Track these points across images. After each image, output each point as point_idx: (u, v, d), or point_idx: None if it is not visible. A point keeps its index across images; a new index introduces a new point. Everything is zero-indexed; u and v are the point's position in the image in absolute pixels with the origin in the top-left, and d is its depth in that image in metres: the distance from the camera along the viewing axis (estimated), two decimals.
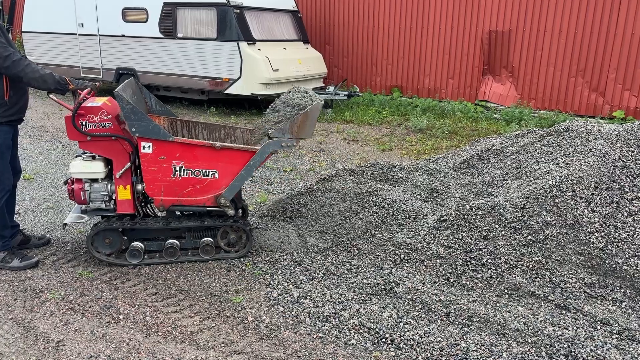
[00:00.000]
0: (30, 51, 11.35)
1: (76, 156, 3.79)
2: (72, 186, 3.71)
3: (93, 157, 3.73)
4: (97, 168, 3.68)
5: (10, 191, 3.82)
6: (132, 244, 3.82)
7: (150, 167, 3.64)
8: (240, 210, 4.25)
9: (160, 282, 3.62)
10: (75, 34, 10.66)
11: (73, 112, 3.53)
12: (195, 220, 3.87)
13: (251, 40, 9.16)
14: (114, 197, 3.74)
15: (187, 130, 4.33)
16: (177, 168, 3.68)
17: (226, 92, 9.32)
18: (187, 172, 3.70)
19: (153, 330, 3.06)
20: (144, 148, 3.60)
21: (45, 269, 3.78)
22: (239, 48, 8.99)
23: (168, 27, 9.62)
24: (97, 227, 3.75)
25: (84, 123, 3.56)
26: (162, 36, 9.71)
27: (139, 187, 3.74)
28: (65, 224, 3.79)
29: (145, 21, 9.80)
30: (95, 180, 3.73)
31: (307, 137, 3.82)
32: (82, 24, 10.53)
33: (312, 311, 3.22)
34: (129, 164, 3.68)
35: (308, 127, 3.74)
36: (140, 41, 9.97)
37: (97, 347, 2.90)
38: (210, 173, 3.73)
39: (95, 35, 10.43)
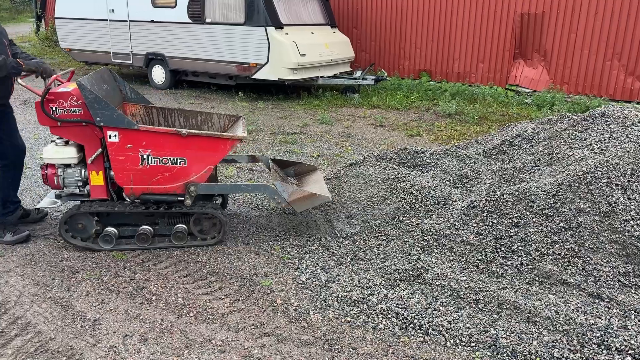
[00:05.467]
0: (63, 37, 11.55)
1: (51, 141, 3.81)
2: (46, 171, 3.74)
3: (66, 143, 3.75)
4: (69, 153, 3.69)
5: (15, 165, 3.93)
6: (106, 229, 3.83)
7: (117, 156, 3.64)
8: (220, 199, 4.29)
9: (191, 264, 3.69)
10: (106, 20, 10.81)
11: (42, 97, 3.53)
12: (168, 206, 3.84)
13: (279, 25, 9.14)
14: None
15: (163, 117, 4.30)
16: (145, 156, 3.66)
17: (254, 77, 9.34)
18: (155, 160, 3.68)
19: (185, 311, 3.13)
20: (110, 137, 3.59)
21: (80, 250, 3.89)
22: (266, 33, 8.98)
23: (196, 12, 9.66)
24: (67, 213, 3.77)
25: (54, 109, 3.56)
26: (190, 21, 9.76)
27: (112, 172, 3.73)
28: (38, 209, 3.81)
29: (174, 6, 9.86)
30: (68, 166, 3.75)
31: (296, 211, 3.93)
32: (112, 10, 10.66)
33: (340, 295, 3.24)
34: (100, 149, 3.67)
35: (302, 205, 3.91)
36: (169, 26, 10.05)
37: (132, 326, 2.99)
38: (179, 161, 3.70)
39: (126, 21, 10.55)
